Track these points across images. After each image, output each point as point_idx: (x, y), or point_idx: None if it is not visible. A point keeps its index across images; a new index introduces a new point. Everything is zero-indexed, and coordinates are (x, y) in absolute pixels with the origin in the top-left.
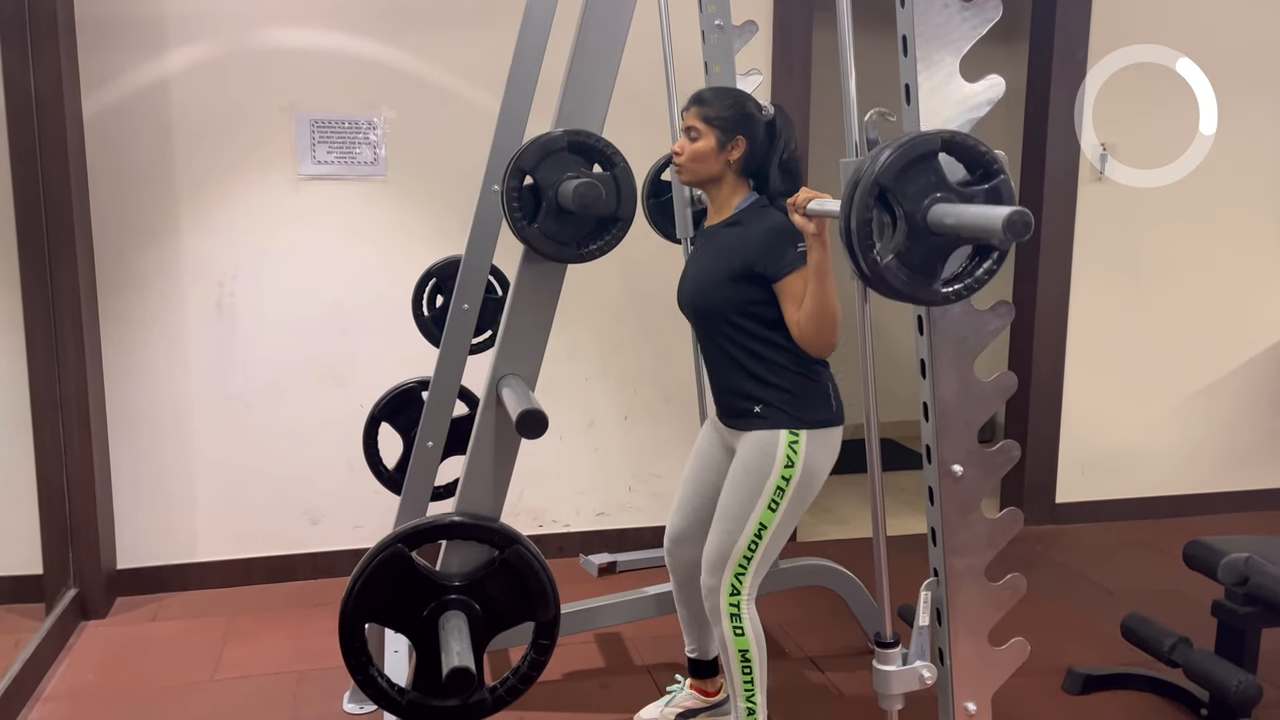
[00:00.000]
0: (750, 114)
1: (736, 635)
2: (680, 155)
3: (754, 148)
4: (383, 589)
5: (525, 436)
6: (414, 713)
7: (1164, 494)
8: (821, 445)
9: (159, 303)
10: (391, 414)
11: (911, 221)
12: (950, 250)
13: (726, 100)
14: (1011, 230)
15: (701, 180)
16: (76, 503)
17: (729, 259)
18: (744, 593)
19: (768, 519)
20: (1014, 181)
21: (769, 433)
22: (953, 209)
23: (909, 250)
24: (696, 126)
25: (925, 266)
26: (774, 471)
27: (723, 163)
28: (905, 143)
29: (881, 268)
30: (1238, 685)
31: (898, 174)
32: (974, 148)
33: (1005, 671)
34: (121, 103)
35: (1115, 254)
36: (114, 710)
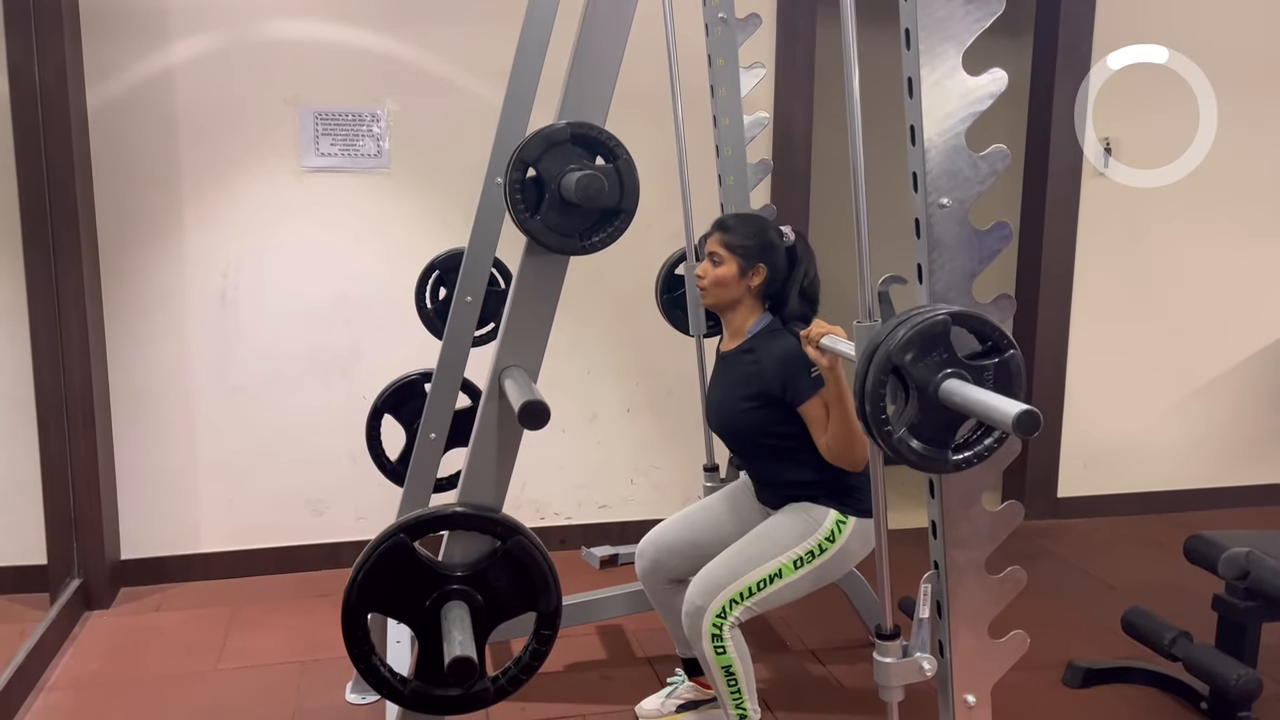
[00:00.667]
0: (772, 242)
1: (718, 654)
2: (703, 279)
3: (774, 274)
4: (385, 579)
5: (527, 428)
6: (416, 702)
7: (1165, 489)
8: (862, 535)
9: (162, 294)
10: (394, 406)
11: (923, 396)
12: (962, 421)
13: (749, 228)
14: (1022, 430)
15: (722, 304)
16: (80, 493)
17: (746, 388)
18: (730, 618)
19: (787, 570)
20: (1017, 176)
21: (818, 507)
22: (961, 391)
23: (922, 423)
24: (719, 253)
25: (938, 437)
26: (814, 537)
27: (744, 289)
28: (917, 323)
29: (895, 441)
30: (1238, 679)
31: (909, 353)
32: (984, 324)
33: (1005, 664)
34: (125, 95)
35: (1118, 249)
36: (118, 700)
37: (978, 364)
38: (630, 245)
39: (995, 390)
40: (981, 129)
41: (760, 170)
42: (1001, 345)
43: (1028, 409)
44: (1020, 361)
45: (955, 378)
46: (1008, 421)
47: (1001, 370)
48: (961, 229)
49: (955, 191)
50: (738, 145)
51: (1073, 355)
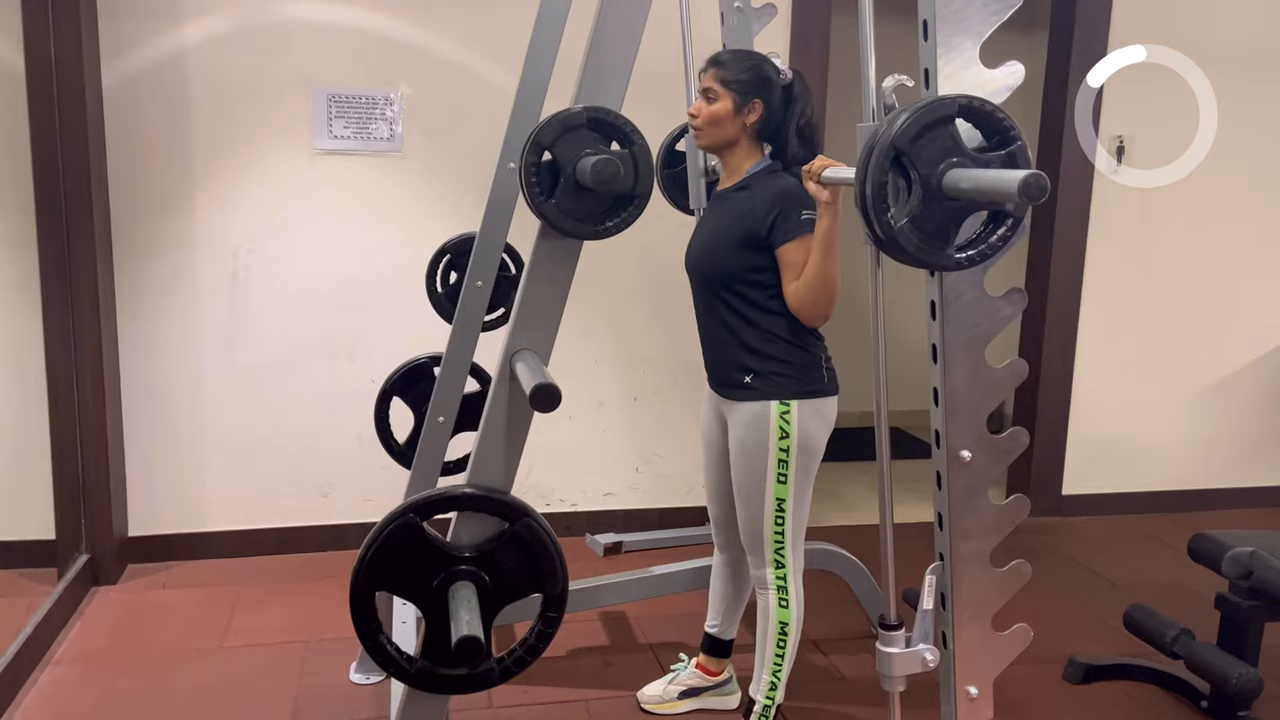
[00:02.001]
0: (768, 77)
1: (781, 607)
2: (697, 117)
3: (771, 112)
4: (394, 558)
5: (539, 410)
6: (422, 680)
7: (1171, 488)
8: (814, 414)
9: (174, 273)
10: (403, 389)
11: (927, 186)
12: (965, 216)
13: (745, 63)
14: (1027, 193)
15: (717, 144)
16: (90, 470)
17: (735, 224)
18: (788, 565)
19: (782, 492)
20: None
21: (760, 405)
22: (968, 173)
23: (923, 215)
24: (714, 88)
25: (939, 232)
26: (771, 445)
27: (739, 126)
28: (922, 107)
29: (895, 231)
30: (1238, 678)
31: (914, 138)
32: (991, 113)
33: (1007, 657)
34: (140, 73)
35: (1129, 246)
36: (124, 674)
37: (984, 156)
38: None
39: None
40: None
41: None
42: (1009, 137)
43: (1033, 171)
44: (1027, 153)
45: (960, 167)
46: (1013, 188)
47: (1008, 162)
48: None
49: None
50: None
51: (1081, 352)
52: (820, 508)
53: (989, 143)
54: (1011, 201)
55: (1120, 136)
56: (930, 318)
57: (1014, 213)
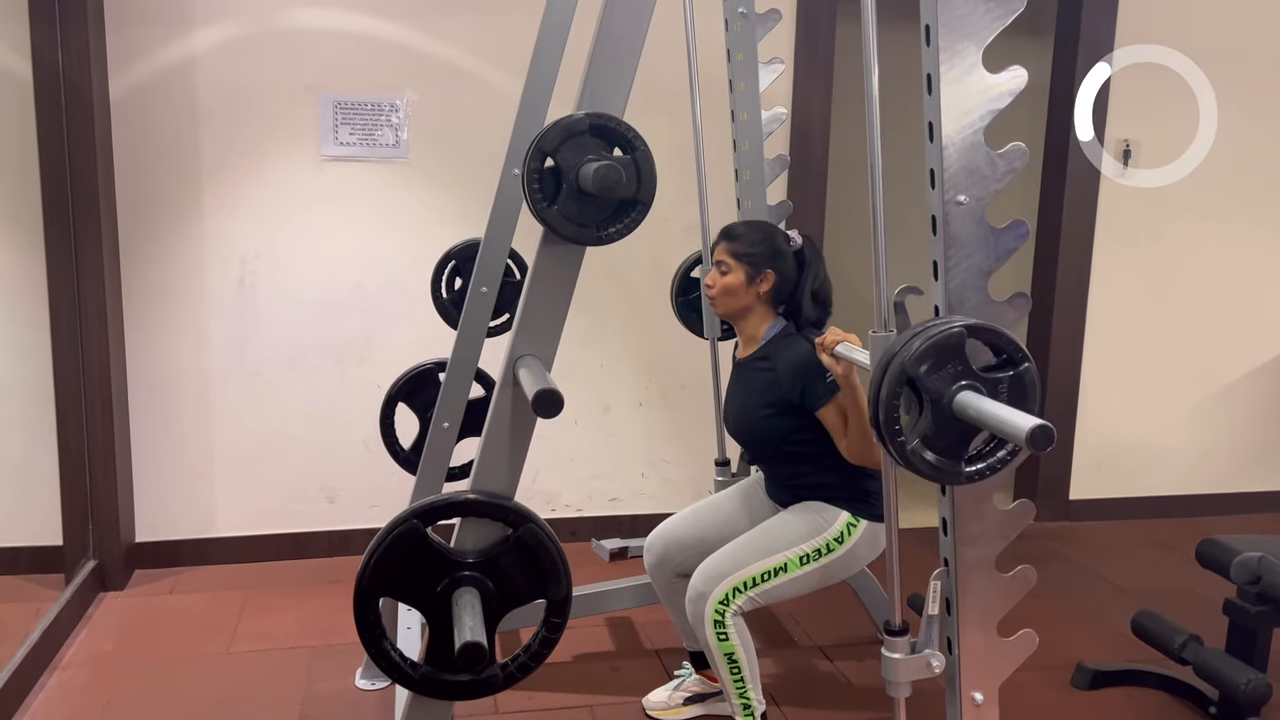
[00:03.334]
0: (779, 249)
1: (720, 641)
2: (712, 289)
3: (783, 280)
4: (398, 564)
5: (541, 416)
6: (426, 686)
7: (1179, 493)
8: (870, 539)
9: (181, 280)
10: (408, 395)
11: (937, 408)
12: (975, 433)
13: (755, 235)
14: (1035, 445)
15: (732, 312)
16: (97, 475)
17: (763, 396)
18: (732, 606)
19: (793, 566)
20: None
21: (830, 508)
22: (976, 403)
23: (935, 435)
24: (726, 261)
25: (951, 450)
26: (822, 536)
27: (753, 295)
28: (932, 335)
29: (908, 452)
30: (1247, 684)
31: (924, 365)
32: (999, 336)
33: (1013, 662)
34: (147, 81)
35: (1136, 250)
36: (131, 679)
37: (992, 376)
38: (647, 238)
39: (1009, 403)
40: (1000, 128)
41: (777, 165)
42: (1016, 358)
43: (1041, 424)
44: (1035, 374)
45: (969, 390)
46: (1021, 436)
47: (1016, 383)
48: (978, 227)
49: (973, 189)
50: (755, 140)
51: (1088, 357)
52: None
53: (998, 360)
54: (1021, 445)
55: (1127, 140)
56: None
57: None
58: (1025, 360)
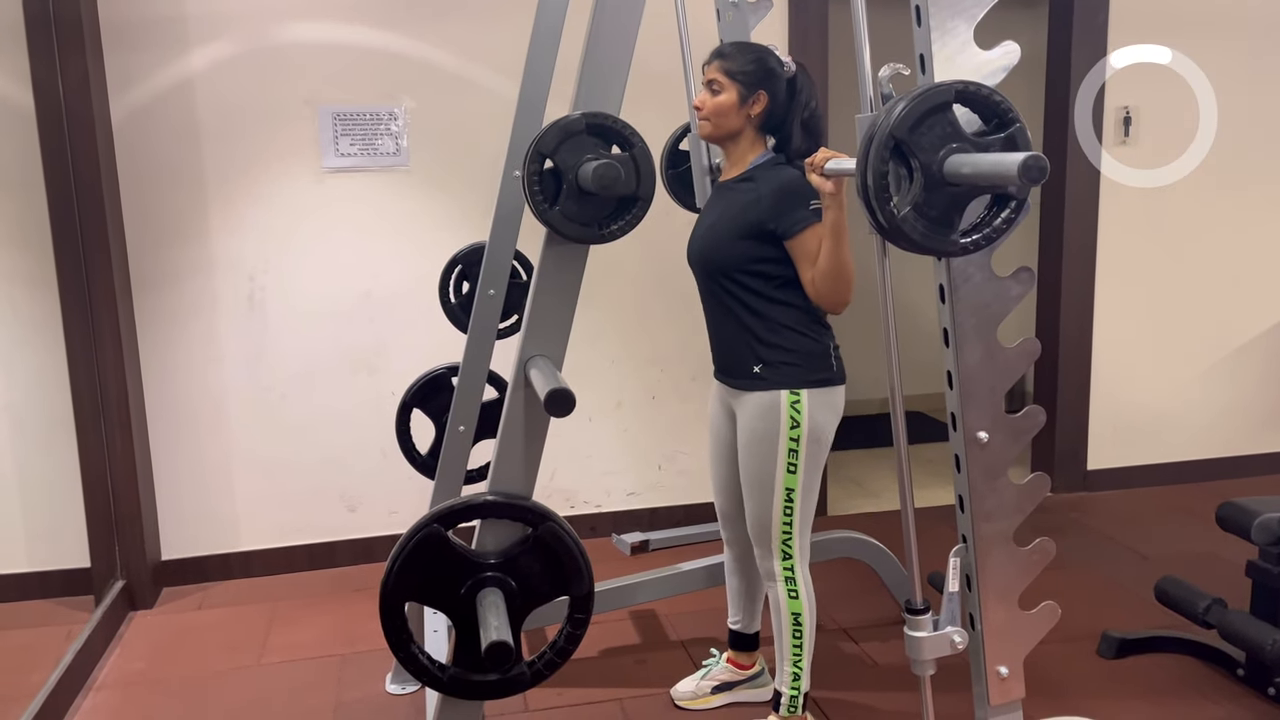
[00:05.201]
0: (772, 69)
1: (791, 598)
2: (702, 109)
3: (775, 104)
4: (420, 568)
5: (554, 415)
6: (455, 688)
7: (1197, 458)
8: (823, 403)
9: (192, 299)
10: (422, 400)
11: (928, 173)
12: (967, 201)
13: (749, 55)
14: (1027, 175)
15: (721, 135)
16: (121, 497)
17: (741, 215)
18: (795, 556)
19: (791, 482)
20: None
21: (769, 394)
22: (968, 158)
23: (926, 201)
24: (718, 80)
25: (943, 217)
26: (781, 434)
27: (744, 117)
28: (919, 94)
29: (899, 219)
30: (1273, 644)
31: (912, 126)
32: (988, 97)
33: (1036, 635)
34: (148, 104)
35: (1141, 216)
36: (164, 696)
37: (983, 140)
38: (649, 233)
39: None
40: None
41: None
42: (1007, 120)
43: (1033, 153)
44: (1027, 135)
45: (960, 153)
46: (1013, 171)
47: (1008, 144)
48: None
49: None
50: None
51: (1098, 326)
52: (845, 495)
53: (988, 126)
54: (1012, 184)
55: (1126, 107)
56: (940, 301)
57: (1016, 194)
58: (1016, 121)
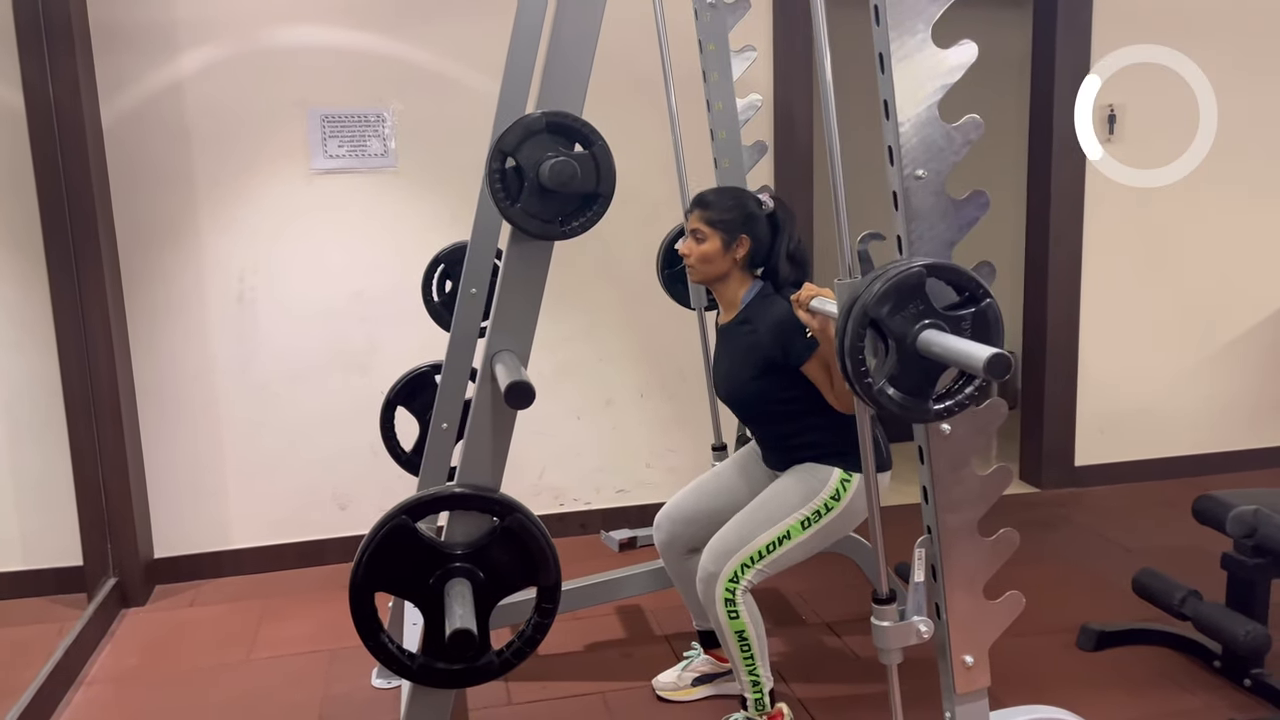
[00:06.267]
0: (752, 213)
1: (731, 619)
2: (689, 257)
3: (758, 244)
4: (390, 559)
5: (513, 407)
6: (424, 675)
7: (1184, 453)
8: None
9: (183, 299)
10: (407, 398)
11: (902, 348)
12: (941, 371)
13: (728, 202)
14: (993, 373)
15: (710, 279)
16: (113, 495)
17: (749, 359)
18: (742, 582)
19: (795, 531)
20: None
21: (824, 466)
22: (938, 339)
23: (901, 374)
24: (701, 229)
25: (918, 388)
26: (820, 496)
27: (729, 261)
28: (893, 276)
29: (875, 392)
30: (1246, 635)
31: (886, 305)
32: (958, 274)
33: (1001, 624)
34: (138, 106)
35: (1127, 213)
36: (155, 691)
37: (955, 314)
38: (638, 232)
39: (973, 339)
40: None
41: (756, 152)
42: (978, 295)
43: (997, 352)
44: (996, 310)
45: (932, 328)
46: (979, 365)
47: (979, 319)
48: (939, 199)
49: (931, 163)
50: (732, 128)
51: (1085, 322)
52: None
53: (960, 298)
54: (980, 375)
55: (1110, 105)
56: None
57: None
58: (986, 297)
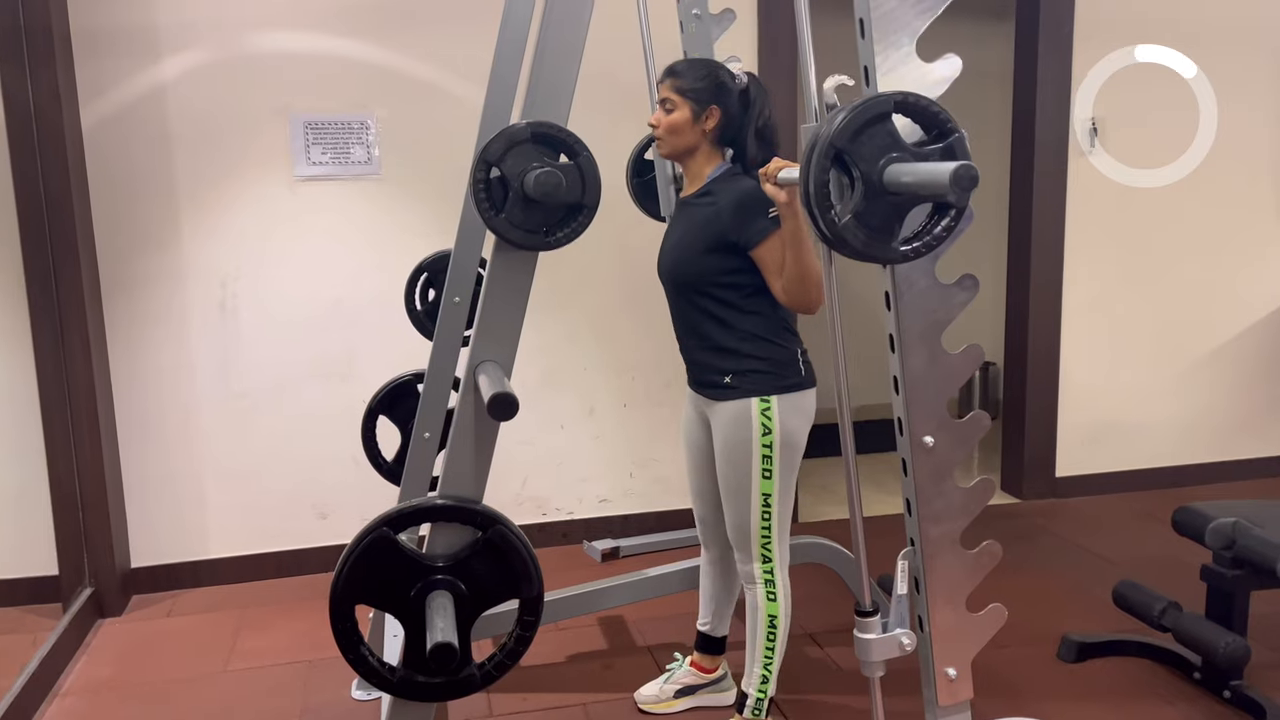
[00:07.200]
0: (724, 84)
1: (769, 600)
2: (657, 127)
3: (728, 117)
4: (370, 571)
5: (496, 419)
6: (405, 689)
7: (1165, 465)
8: (793, 408)
9: (163, 306)
10: (388, 407)
11: (868, 182)
12: (907, 209)
13: (700, 71)
14: (958, 183)
15: (678, 152)
16: (89, 505)
17: (703, 230)
18: (775, 559)
19: (767, 488)
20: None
21: (740, 403)
22: (907, 167)
23: (867, 210)
24: (671, 98)
25: (883, 226)
26: (754, 441)
27: (698, 133)
28: (859, 105)
29: (840, 227)
30: (1225, 647)
31: (852, 136)
32: (927, 108)
33: (984, 636)
34: (119, 112)
35: (1108, 225)
36: (130, 702)
37: (923, 150)
38: (622, 242)
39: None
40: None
41: None
42: (946, 130)
43: (963, 163)
44: (965, 143)
45: (899, 162)
46: (945, 180)
47: (947, 153)
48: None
49: None
50: None
51: (1066, 334)
52: (813, 501)
53: (928, 136)
54: (946, 193)
55: (1093, 118)
56: (886, 308)
57: (955, 203)
58: (955, 131)
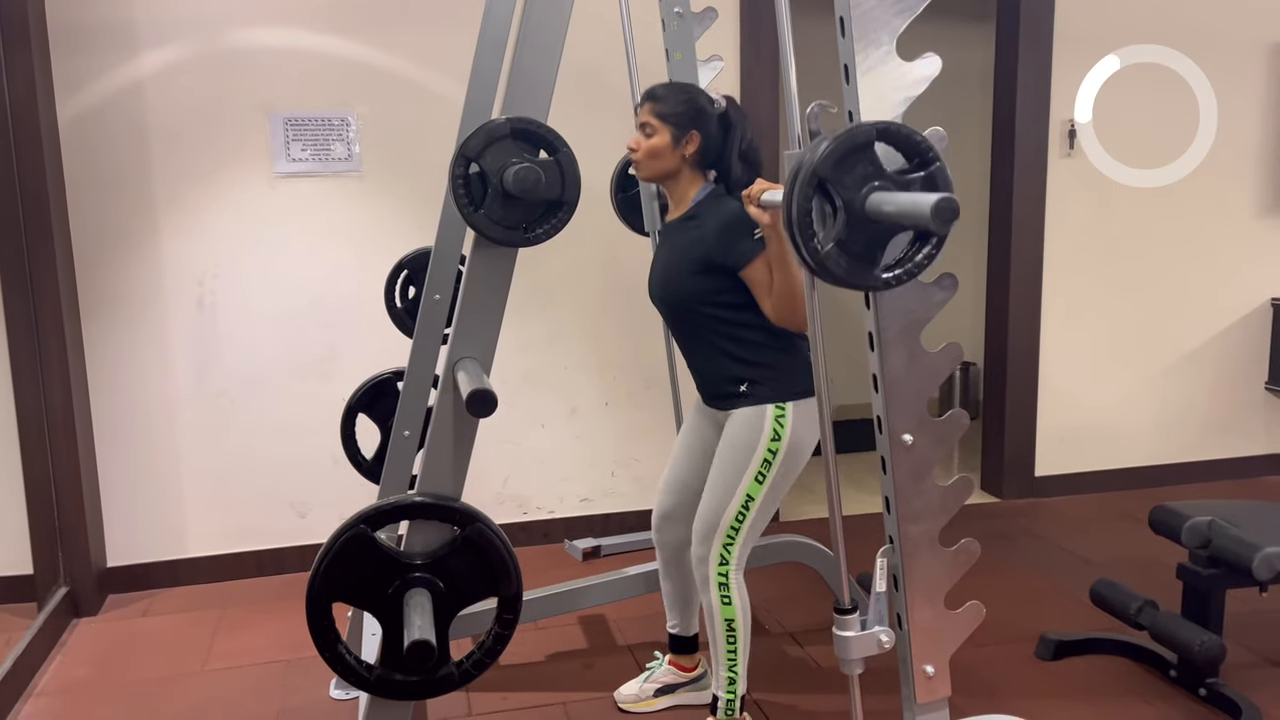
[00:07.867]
0: (703, 108)
1: (724, 604)
2: (637, 152)
3: (709, 141)
4: (348, 569)
5: (474, 415)
6: (382, 687)
7: (1143, 464)
8: (805, 416)
9: (141, 303)
10: (368, 405)
11: (850, 210)
12: (889, 237)
13: (679, 96)
14: (939, 216)
15: (659, 176)
16: (64, 503)
17: (690, 254)
18: (732, 562)
19: (755, 490)
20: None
21: (756, 408)
22: (888, 197)
23: (849, 238)
24: (651, 123)
25: (865, 254)
26: (761, 444)
27: (678, 158)
28: (842, 134)
29: (823, 255)
30: (1201, 645)
31: (835, 164)
32: (908, 137)
33: (962, 634)
34: (97, 106)
35: (1088, 226)
36: (105, 702)
37: (905, 178)
38: (605, 242)
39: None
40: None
41: None
42: (928, 159)
43: (944, 195)
44: (946, 173)
45: (881, 191)
46: (926, 211)
47: (928, 183)
48: None
49: None
50: None
51: (1045, 334)
52: (796, 500)
53: (909, 164)
54: (928, 224)
55: (1071, 121)
56: (866, 307)
57: (936, 232)
58: (936, 160)
